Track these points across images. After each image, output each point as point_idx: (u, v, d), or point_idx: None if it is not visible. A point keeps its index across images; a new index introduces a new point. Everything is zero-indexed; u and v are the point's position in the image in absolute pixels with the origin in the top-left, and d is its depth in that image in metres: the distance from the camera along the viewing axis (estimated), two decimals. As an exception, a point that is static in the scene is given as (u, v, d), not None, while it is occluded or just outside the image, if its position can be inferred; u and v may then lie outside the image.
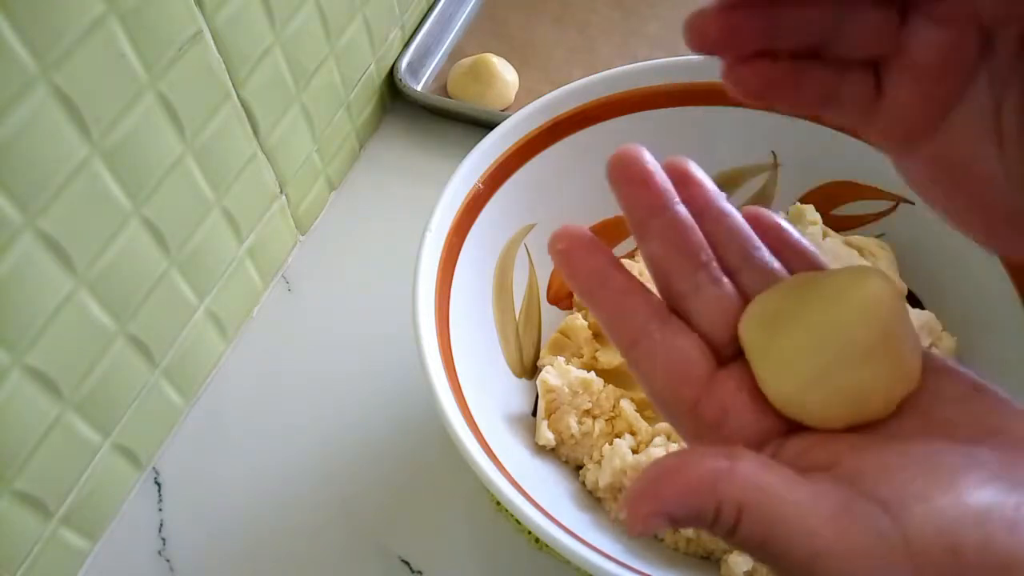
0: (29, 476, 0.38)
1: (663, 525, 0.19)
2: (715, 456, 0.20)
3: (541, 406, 0.42)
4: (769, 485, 0.19)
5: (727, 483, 0.19)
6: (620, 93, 0.46)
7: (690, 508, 0.19)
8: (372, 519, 0.45)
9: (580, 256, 0.25)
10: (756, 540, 0.19)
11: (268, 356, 0.52)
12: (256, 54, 0.46)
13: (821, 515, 0.19)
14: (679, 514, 0.19)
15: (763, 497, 0.19)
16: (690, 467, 0.19)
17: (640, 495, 0.19)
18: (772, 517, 0.19)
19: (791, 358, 0.21)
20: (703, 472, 0.19)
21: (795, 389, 0.21)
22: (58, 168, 0.35)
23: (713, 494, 0.19)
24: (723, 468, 0.19)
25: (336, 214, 0.59)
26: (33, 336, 0.36)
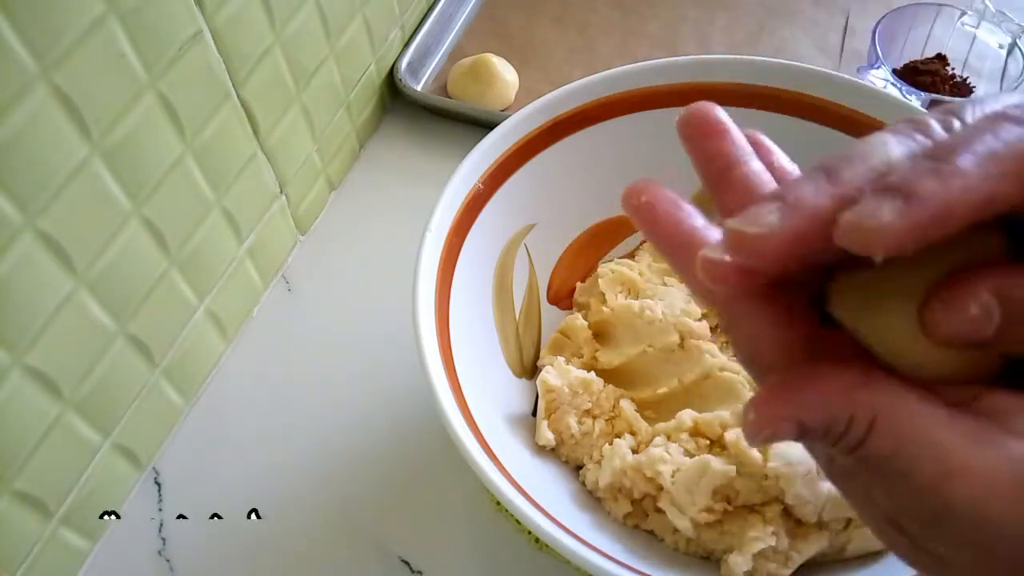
0: (29, 476, 0.38)
1: (790, 433, 0.19)
2: (848, 369, 0.19)
3: (541, 406, 0.42)
4: (906, 398, 0.18)
5: (863, 391, 0.18)
6: (620, 93, 0.46)
7: (824, 414, 0.18)
8: (372, 519, 0.45)
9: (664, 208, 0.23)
10: (884, 453, 0.18)
11: (268, 356, 0.52)
12: (256, 54, 0.46)
13: (958, 433, 0.18)
14: (811, 420, 0.19)
15: (900, 408, 0.18)
16: (826, 375, 0.19)
17: (771, 397, 0.19)
18: (906, 429, 0.18)
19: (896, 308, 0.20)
20: (841, 380, 0.19)
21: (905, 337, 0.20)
22: (58, 168, 0.35)
23: (849, 401, 0.18)
24: (859, 379, 0.19)
25: (336, 214, 0.59)
26: (33, 336, 0.36)
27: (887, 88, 0.58)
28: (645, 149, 0.47)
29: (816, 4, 0.69)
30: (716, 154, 0.23)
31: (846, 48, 0.66)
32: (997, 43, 0.61)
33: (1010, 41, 0.60)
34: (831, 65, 0.64)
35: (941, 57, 0.62)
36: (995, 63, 0.61)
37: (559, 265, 0.49)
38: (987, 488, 0.17)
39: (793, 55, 0.65)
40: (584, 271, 0.50)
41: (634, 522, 0.40)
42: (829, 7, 0.69)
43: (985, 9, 0.61)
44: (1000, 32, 0.61)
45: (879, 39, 0.60)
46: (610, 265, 0.47)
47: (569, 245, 0.49)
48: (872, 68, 0.60)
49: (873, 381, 0.19)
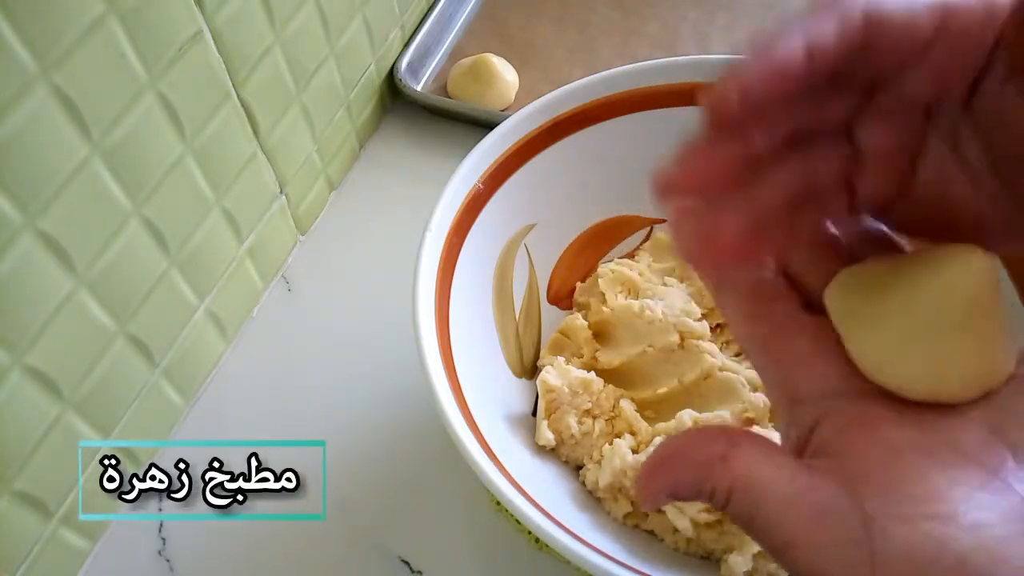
0: (29, 476, 0.38)
1: (669, 500, 0.22)
2: (716, 441, 0.21)
3: (541, 406, 0.42)
4: (762, 472, 0.21)
5: (721, 468, 0.21)
6: (620, 93, 0.46)
7: (691, 487, 0.21)
8: (372, 519, 0.45)
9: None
10: (743, 519, 0.21)
11: (268, 356, 0.52)
12: (256, 54, 0.46)
13: (801, 512, 0.20)
14: (682, 492, 0.22)
15: (750, 487, 0.21)
16: (692, 451, 0.22)
17: (650, 475, 0.22)
18: (756, 504, 0.20)
19: (878, 321, 0.22)
20: (702, 457, 0.21)
21: (879, 351, 0.22)
22: (58, 168, 0.35)
23: (709, 478, 0.21)
24: (719, 455, 0.21)
25: (336, 214, 0.59)
26: (33, 336, 0.36)
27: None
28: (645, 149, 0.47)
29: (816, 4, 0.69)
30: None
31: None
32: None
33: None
34: (831, 65, 0.64)
35: (941, 57, 0.62)
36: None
37: (559, 265, 0.49)
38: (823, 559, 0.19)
39: (793, 55, 0.65)
40: (584, 271, 0.50)
41: (634, 522, 0.40)
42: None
43: (985, 9, 0.61)
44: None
45: (879, 39, 0.60)
46: (610, 265, 0.47)
47: (569, 245, 0.49)
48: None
49: (735, 456, 0.21)
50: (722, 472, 0.21)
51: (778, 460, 0.21)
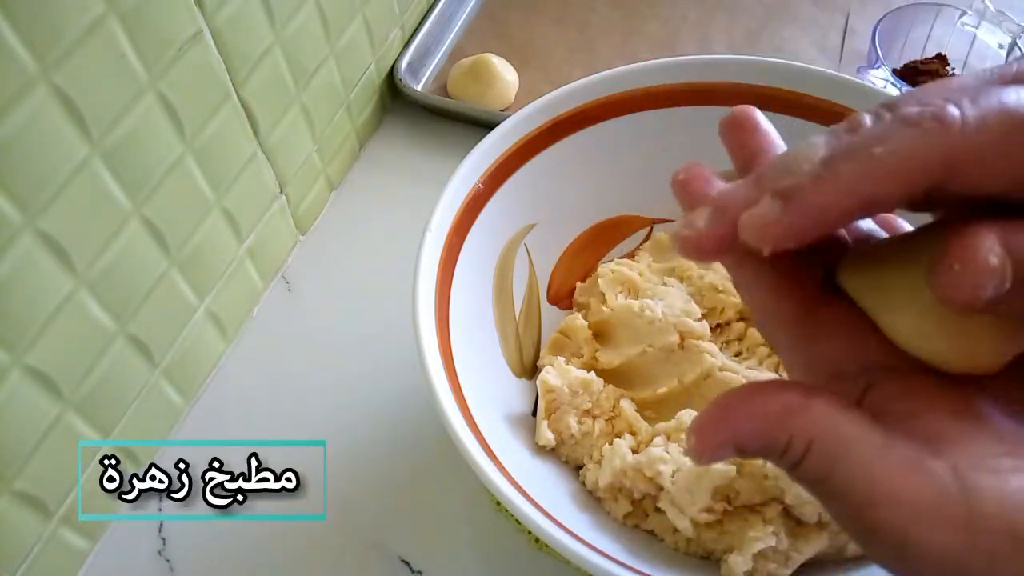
0: (29, 476, 0.38)
1: (731, 454, 0.20)
2: (791, 390, 0.20)
3: (541, 406, 0.42)
4: (841, 425, 0.19)
5: (800, 417, 0.19)
6: (620, 93, 0.46)
7: (761, 438, 0.19)
8: (372, 519, 0.45)
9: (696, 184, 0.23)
10: (819, 476, 0.19)
11: (268, 356, 0.52)
12: (256, 54, 0.46)
13: (889, 463, 0.19)
14: (749, 444, 0.20)
15: (833, 436, 0.19)
16: (765, 397, 0.20)
17: (710, 423, 0.20)
18: (838, 456, 0.19)
19: (907, 294, 0.21)
20: (778, 404, 0.19)
21: (914, 325, 0.21)
22: (58, 168, 0.35)
23: (785, 426, 0.19)
24: (797, 403, 0.19)
25: (336, 214, 0.59)
26: (33, 336, 0.36)
27: (887, 88, 0.58)
28: (645, 149, 0.47)
29: (816, 4, 0.69)
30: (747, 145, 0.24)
31: (846, 48, 0.66)
32: (997, 43, 0.61)
33: (1010, 41, 0.60)
34: (831, 65, 0.64)
35: (941, 57, 0.62)
36: (995, 63, 0.61)
37: (559, 265, 0.49)
38: (909, 520, 0.18)
39: (793, 55, 0.65)
40: (584, 271, 0.50)
41: (634, 522, 0.40)
42: (829, 7, 0.69)
43: (985, 9, 0.61)
44: (1000, 32, 0.61)
45: (879, 39, 0.60)
46: (610, 265, 0.47)
47: (569, 245, 0.49)
48: (872, 68, 0.60)
49: (812, 405, 0.19)
50: (802, 421, 0.19)
51: (855, 415, 0.20)
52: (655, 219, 0.50)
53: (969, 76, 0.19)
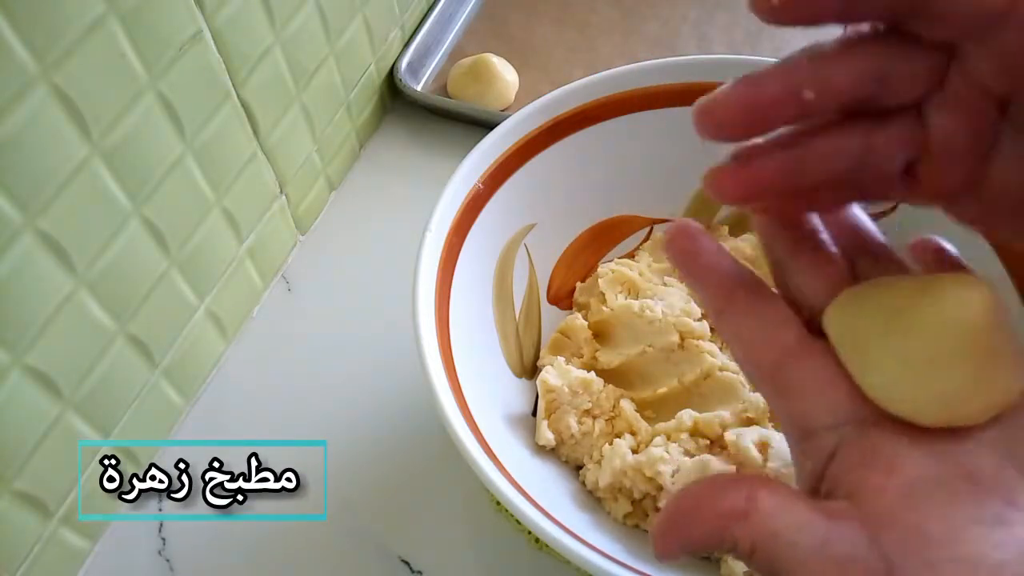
0: (29, 476, 0.38)
1: (688, 554, 0.21)
2: (735, 493, 0.21)
3: (541, 406, 0.42)
4: (782, 530, 0.20)
5: (743, 524, 0.20)
6: (620, 93, 0.46)
7: (710, 543, 0.21)
8: (372, 519, 0.45)
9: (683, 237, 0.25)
10: (765, 571, 0.20)
11: (268, 356, 0.52)
12: (256, 54, 0.46)
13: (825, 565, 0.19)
14: (701, 548, 0.21)
15: (773, 541, 0.20)
16: (712, 502, 0.21)
17: (667, 531, 0.21)
18: (779, 558, 0.20)
19: (883, 348, 0.21)
20: (723, 509, 0.21)
21: (886, 379, 0.21)
22: (58, 168, 0.35)
23: (730, 533, 0.20)
24: (740, 508, 0.20)
25: (336, 214, 0.59)
26: (33, 336, 0.36)
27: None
28: (645, 149, 0.47)
29: (816, 4, 0.69)
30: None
31: None
32: (997, 43, 0.61)
33: (1010, 41, 0.60)
34: (831, 65, 0.64)
35: (941, 57, 0.62)
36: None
37: (559, 265, 0.49)
38: None
39: (793, 55, 0.65)
40: (584, 271, 0.50)
41: (634, 522, 0.40)
42: (829, 7, 0.69)
43: (985, 9, 0.61)
44: (1000, 32, 0.61)
45: (879, 39, 0.60)
46: (610, 265, 0.47)
47: (569, 245, 0.49)
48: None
49: (755, 509, 0.20)
50: (743, 528, 0.20)
51: (798, 509, 0.20)
52: (655, 219, 0.50)
53: None
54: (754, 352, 0.23)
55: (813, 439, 0.22)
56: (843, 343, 0.22)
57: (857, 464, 0.21)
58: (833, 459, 0.21)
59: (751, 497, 0.20)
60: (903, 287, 0.22)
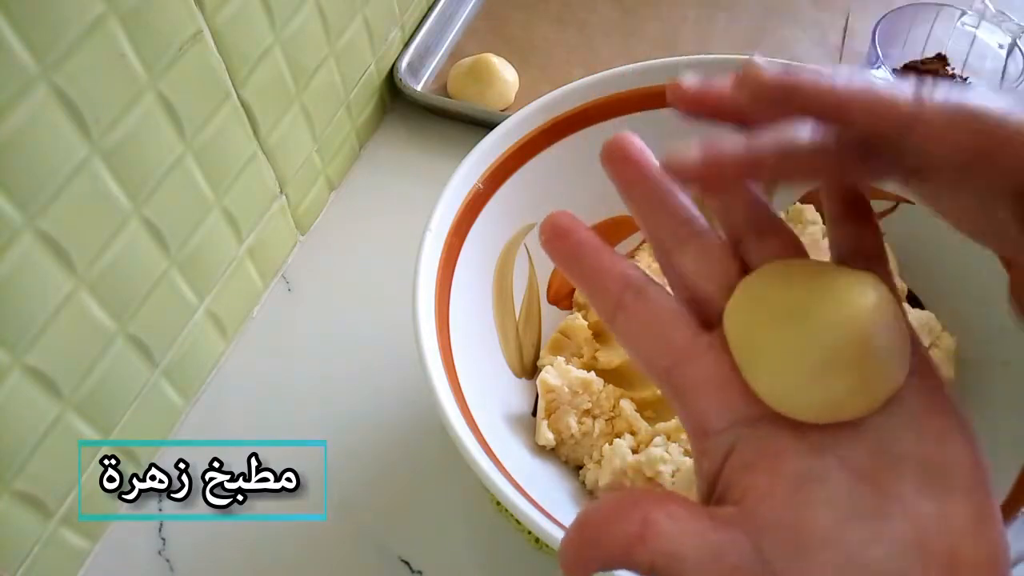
0: (29, 476, 0.38)
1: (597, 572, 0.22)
2: (633, 515, 0.21)
3: (541, 406, 0.42)
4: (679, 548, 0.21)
5: (639, 546, 0.21)
6: (620, 93, 0.46)
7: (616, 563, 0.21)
8: (372, 519, 0.45)
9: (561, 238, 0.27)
10: None
11: (268, 356, 0.52)
12: (256, 54, 0.46)
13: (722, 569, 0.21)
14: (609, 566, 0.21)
15: (670, 560, 0.21)
16: (608, 532, 0.21)
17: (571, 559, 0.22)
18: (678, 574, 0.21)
19: (772, 349, 0.22)
20: (619, 537, 0.21)
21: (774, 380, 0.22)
22: (58, 168, 0.35)
23: (630, 555, 0.21)
24: (636, 535, 0.21)
25: (336, 214, 0.59)
26: (33, 336, 0.36)
27: (887, 88, 0.58)
28: (645, 149, 0.47)
29: (816, 4, 0.69)
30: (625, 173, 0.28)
31: (846, 48, 0.66)
32: (997, 43, 0.61)
33: (1010, 41, 0.60)
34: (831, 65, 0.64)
35: (941, 57, 0.62)
36: (995, 63, 0.61)
37: (559, 265, 0.49)
38: None
39: (793, 55, 0.65)
40: (584, 271, 0.49)
41: (634, 522, 0.40)
42: (829, 7, 0.69)
43: (985, 9, 0.61)
44: (1000, 32, 0.61)
45: (879, 39, 0.60)
46: (610, 265, 0.47)
47: (569, 245, 0.49)
48: (872, 68, 0.60)
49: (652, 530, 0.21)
50: (641, 552, 0.21)
51: (692, 526, 0.21)
52: (655, 219, 0.50)
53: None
54: (648, 356, 0.24)
55: (710, 439, 0.23)
56: (737, 344, 0.23)
57: (747, 464, 0.22)
58: (728, 459, 0.22)
59: (646, 521, 0.21)
60: (796, 284, 0.23)
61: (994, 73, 0.61)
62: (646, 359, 0.24)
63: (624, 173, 0.27)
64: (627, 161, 0.27)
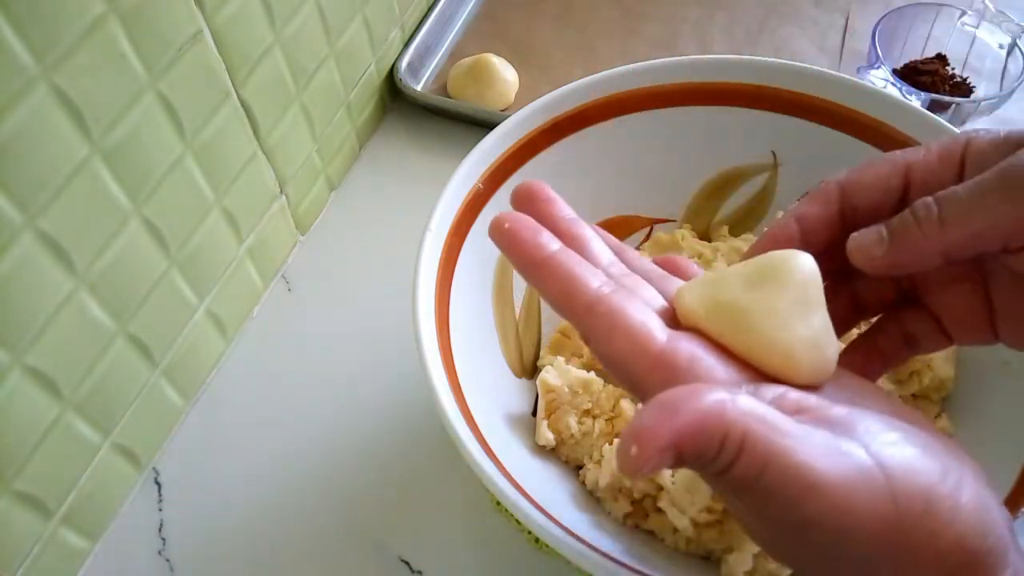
0: (29, 476, 0.38)
1: (670, 462, 0.19)
2: (718, 388, 0.20)
3: (541, 406, 0.42)
4: (769, 417, 0.20)
5: (733, 410, 0.20)
6: (620, 93, 0.46)
7: (700, 439, 0.19)
8: (372, 519, 0.45)
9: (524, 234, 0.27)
10: (753, 472, 0.19)
11: (268, 356, 0.52)
12: (256, 54, 0.46)
13: (814, 449, 0.20)
14: (688, 447, 0.19)
15: (766, 427, 0.20)
16: (699, 395, 0.20)
17: (650, 428, 0.19)
18: (772, 448, 0.19)
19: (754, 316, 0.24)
20: (711, 401, 0.20)
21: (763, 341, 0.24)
22: (58, 168, 0.35)
23: (722, 422, 0.19)
24: (728, 398, 0.20)
25: (336, 214, 0.59)
26: (33, 336, 0.36)
27: (887, 88, 0.58)
28: (645, 149, 0.47)
29: (816, 4, 0.69)
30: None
31: (846, 48, 0.66)
32: (997, 43, 0.61)
33: (1010, 41, 0.60)
34: (831, 65, 0.64)
35: (941, 57, 0.62)
36: (995, 63, 0.61)
37: (559, 265, 0.49)
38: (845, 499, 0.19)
39: (793, 55, 0.65)
40: (584, 271, 0.49)
41: (634, 522, 0.40)
42: (829, 7, 0.69)
43: (985, 9, 0.61)
44: (1000, 32, 0.61)
45: (879, 39, 0.60)
46: (610, 265, 0.47)
47: (569, 245, 0.49)
48: (872, 68, 0.60)
49: (739, 399, 0.20)
50: (735, 413, 0.19)
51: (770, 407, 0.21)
52: (655, 219, 0.50)
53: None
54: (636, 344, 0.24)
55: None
56: (716, 319, 0.25)
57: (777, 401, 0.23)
58: None
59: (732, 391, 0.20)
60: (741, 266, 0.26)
61: (994, 73, 0.61)
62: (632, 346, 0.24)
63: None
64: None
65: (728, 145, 0.47)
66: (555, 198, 0.30)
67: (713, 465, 0.20)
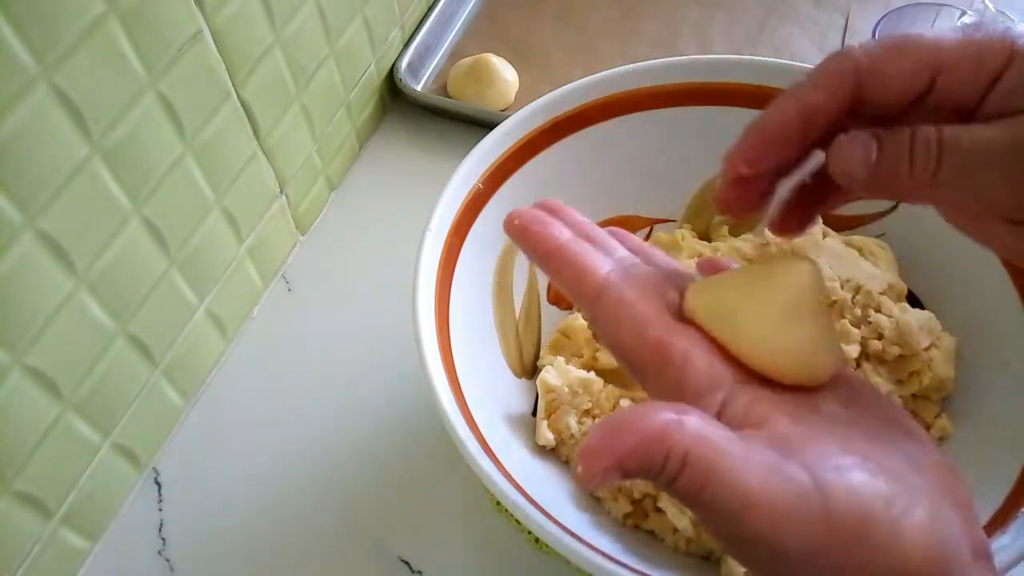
0: (29, 476, 0.38)
1: (616, 478, 0.21)
2: (665, 409, 0.21)
3: (541, 406, 0.42)
4: (711, 437, 0.21)
5: (676, 432, 0.21)
6: (620, 93, 0.46)
7: (642, 458, 0.21)
8: (372, 519, 0.45)
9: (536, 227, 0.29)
10: (694, 488, 0.21)
11: (268, 356, 0.52)
12: (256, 54, 0.46)
13: (754, 470, 0.21)
14: (631, 465, 0.21)
15: (706, 448, 0.21)
16: (643, 419, 0.21)
17: (596, 449, 0.21)
18: (711, 467, 0.20)
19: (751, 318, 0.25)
20: (655, 423, 0.21)
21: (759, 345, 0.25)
22: (58, 168, 0.35)
23: (663, 442, 0.21)
24: (673, 420, 0.21)
25: (336, 214, 0.59)
26: (33, 336, 0.36)
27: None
28: (645, 149, 0.47)
29: (816, 4, 0.69)
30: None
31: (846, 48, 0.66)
32: (997, 43, 0.61)
33: (1010, 41, 0.60)
34: (831, 65, 0.64)
35: (941, 57, 0.62)
36: (995, 63, 0.61)
37: (559, 265, 0.49)
38: (776, 519, 0.20)
39: (793, 55, 0.65)
40: (584, 271, 0.49)
41: (634, 522, 0.40)
42: (829, 7, 0.69)
43: (985, 9, 0.61)
44: (1000, 32, 0.61)
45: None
46: (610, 265, 0.47)
47: (569, 245, 0.49)
48: (872, 68, 0.60)
49: (685, 421, 0.21)
50: (678, 436, 0.21)
51: (720, 427, 0.22)
52: (655, 219, 0.50)
53: None
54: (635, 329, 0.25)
55: (707, 396, 0.24)
56: (714, 321, 0.26)
57: (747, 407, 0.23)
58: (725, 408, 0.24)
59: (681, 412, 0.21)
60: (746, 270, 0.27)
61: (994, 73, 0.61)
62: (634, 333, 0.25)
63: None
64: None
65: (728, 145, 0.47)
66: (569, 208, 0.31)
67: (659, 478, 0.21)
